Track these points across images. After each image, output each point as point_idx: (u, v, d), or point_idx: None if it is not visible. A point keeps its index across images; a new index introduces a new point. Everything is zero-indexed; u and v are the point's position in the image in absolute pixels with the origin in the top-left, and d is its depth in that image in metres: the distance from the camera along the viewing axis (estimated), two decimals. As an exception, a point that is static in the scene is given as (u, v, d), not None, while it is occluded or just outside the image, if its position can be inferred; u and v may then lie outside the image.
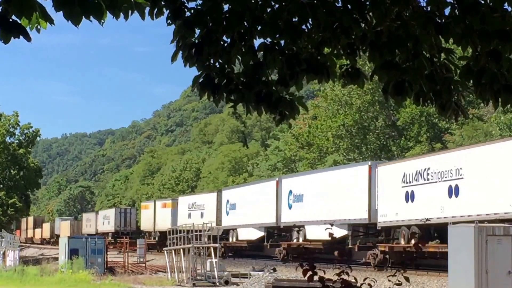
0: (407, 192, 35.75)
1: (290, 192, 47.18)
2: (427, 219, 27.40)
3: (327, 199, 42.31)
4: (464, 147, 37.51)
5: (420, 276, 32.86)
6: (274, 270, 36.09)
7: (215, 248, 43.17)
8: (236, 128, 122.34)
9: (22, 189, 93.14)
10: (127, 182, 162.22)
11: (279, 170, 75.72)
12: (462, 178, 32.14)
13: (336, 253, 39.29)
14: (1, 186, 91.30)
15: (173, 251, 45.47)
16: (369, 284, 8.82)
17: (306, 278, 8.35)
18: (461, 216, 31.69)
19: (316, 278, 8.32)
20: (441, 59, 7.22)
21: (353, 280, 8.68)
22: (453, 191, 32.54)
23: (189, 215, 64.14)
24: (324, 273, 8.54)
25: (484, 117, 51.37)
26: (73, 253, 50.17)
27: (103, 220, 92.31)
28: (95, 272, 46.76)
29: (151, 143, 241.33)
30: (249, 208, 52.68)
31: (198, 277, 42.56)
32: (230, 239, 56.19)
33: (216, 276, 41.09)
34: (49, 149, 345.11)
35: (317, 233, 42.64)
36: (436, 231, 34.93)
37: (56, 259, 59.56)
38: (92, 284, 42.03)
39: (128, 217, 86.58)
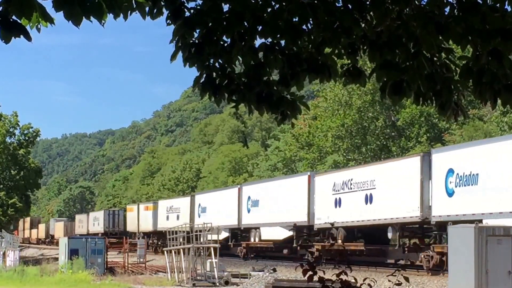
0: (336, 199, 41.85)
1: (249, 198, 53.04)
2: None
3: (277, 204, 48.00)
4: (377, 162, 45.71)
5: (420, 277, 32.86)
6: (274, 270, 36.48)
7: (215, 248, 43.18)
8: (236, 128, 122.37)
9: (22, 189, 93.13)
10: (127, 182, 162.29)
11: (279, 170, 75.75)
12: (375, 188, 38.36)
13: (285, 251, 47.98)
14: (1, 186, 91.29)
15: (173, 251, 45.47)
16: (369, 284, 8.82)
17: (306, 278, 8.36)
18: (374, 220, 38.12)
19: (316, 278, 8.33)
20: (441, 59, 7.21)
21: (353, 280, 8.68)
22: (368, 199, 38.78)
23: (167, 217, 69.81)
24: (324, 273, 8.55)
25: (484, 117, 51.36)
26: (73, 253, 50.15)
27: (94, 221, 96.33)
28: (95, 272, 46.74)
29: (151, 143, 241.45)
30: (217, 211, 57.90)
31: (198, 277, 42.55)
32: (202, 239, 58.52)
33: (216, 276, 41.08)
34: (49, 149, 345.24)
35: (270, 234, 49.46)
36: (358, 232, 41.28)
37: (56, 259, 59.56)
38: (92, 284, 42.01)
39: (116, 219, 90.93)
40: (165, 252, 47.88)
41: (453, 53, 7.30)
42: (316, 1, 6.76)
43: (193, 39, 6.88)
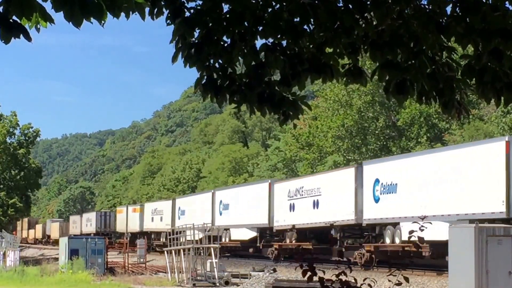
0: (290, 204, 47.20)
1: (221, 202, 58.55)
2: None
3: (244, 208, 53.31)
4: (322, 172, 53.16)
5: (420, 277, 32.86)
6: (274, 270, 36.74)
7: (215, 249, 43.21)
8: (236, 128, 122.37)
9: (22, 189, 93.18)
10: (127, 182, 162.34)
11: (279, 170, 75.76)
12: (321, 195, 43.76)
13: (250, 250, 53.65)
14: (2, 186, 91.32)
15: (173, 251, 45.48)
16: (369, 285, 8.81)
17: (305, 278, 8.36)
18: (320, 222, 43.14)
19: (316, 278, 8.32)
20: (443, 58, 7.21)
21: (353, 280, 8.67)
22: (315, 204, 44.10)
23: (152, 219, 75.97)
24: (324, 274, 8.55)
25: (485, 117, 51.35)
26: (73, 253, 50.17)
27: (86, 222, 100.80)
28: (95, 273, 46.74)
29: (151, 143, 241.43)
30: (194, 214, 63.70)
31: (198, 278, 42.56)
32: (180, 239, 64.27)
33: (216, 276, 41.09)
34: (49, 149, 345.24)
35: (238, 235, 54.73)
36: (310, 233, 46.58)
37: (56, 259, 59.59)
38: (92, 284, 42.02)
39: (107, 220, 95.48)
40: (165, 252, 47.88)
41: (455, 52, 7.29)
42: (316, 1, 6.76)
43: (193, 39, 6.86)
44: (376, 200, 38.16)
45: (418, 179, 34.99)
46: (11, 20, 5.77)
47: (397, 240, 36.57)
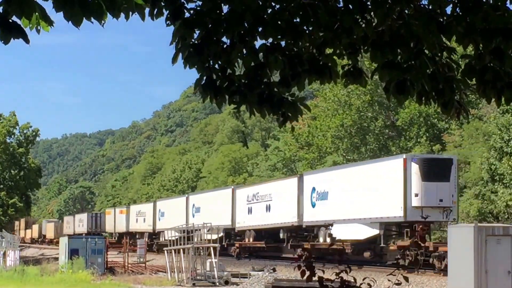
0: (248, 207, 53.70)
1: (193, 205, 65.40)
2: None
3: (213, 210, 59.02)
4: (273, 179, 61.50)
5: (419, 276, 32.88)
6: (274, 270, 36.57)
7: (214, 248, 43.25)
8: (236, 128, 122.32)
9: (22, 189, 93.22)
10: (126, 182, 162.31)
11: (278, 170, 75.77)
12: (272, 200, 50.35)
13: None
14: (2, 186, 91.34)
15: (173, 251, 45.51)
16: (368, 284, 8.81)
17: (305, 278, 8.37)
18: (271, 224, 49.65)
19: (315, 278, 8.33)
20: (443, 58, 7.20)
21: (352, 280, 8.68)
22: (268, 208, 50.74)
23: (137, 220, 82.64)
24: (324, 273, 8.56)
25: (484, 117, 51.33)
26: (73, 253, 50.21)
27: (79, 223, 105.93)
28: (95, 272, 46.76)
29: (151, 143, 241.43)
30: (172, 216, 69.43)
31: (198, 277, 42.60)
32: (161, 239, 71.31)
33: (216, 276, 41.13)
34: (49, 149, 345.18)
35: (208, 235, 57.91)
36: (265, 233, 52.22)
37: (56, 259, 59.62)
38: (92, 284, 42.06)
39: (98, 221, 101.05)
40: (165, 252, 47.91)
41: (455, 52, 7.29)
42: (316, 1, 6.75)
43: (193, 40, 6.85)
44: (313, 205, 44.78)
45: (343, 188, 41.85)
46: (10, 21, 5.79)
47: (327, 239, 42.81)
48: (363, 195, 39.35)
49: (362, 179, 40.14)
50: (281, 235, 48.45)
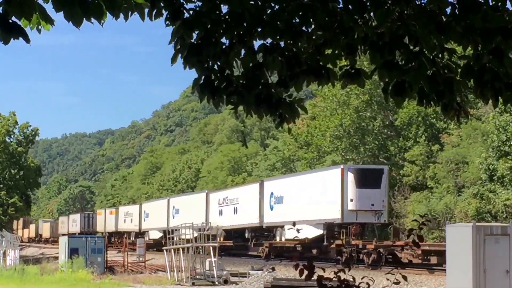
0: (219, 210, 59.70)
1: (173, 207, 71.36)
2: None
3: (189, 212, 63.88)
4: (239, 185, 69.21)
5: (418, 275, 32.95)
6: (273, 269, 37.00)
7: (214, 248, 43.29)
8: (236, 128, 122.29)
9: (22, 188, 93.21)
10: (126, 182, 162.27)
11: (278, 170, 75.80)
12: (238, 203, 56.13)
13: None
14: (1, 186, 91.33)
15: (172, 250, 45.55)
16: (367, 283, 8.86)
17: (303, 277, 8.42)
18: (238, 225, 55.53)
19: (314, 277, 8.38)
20: (443, 59, 7.17)
21: (351, 279, 8.71)
22: (235, 210, 56.34)
23: (124, 221, 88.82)
24: (324, 271, 8.60)
25: (482, 117, 51.37)
26: (73, 252, 50.23)
27: (72, 223, 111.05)
28: (94, 271, 46.80)
29: (150, 143, 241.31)
30: (154, 217, 76.79)
31: (197, 276, 42.64)
32: (146, 238, 76.40)
33: (215, 275, 41.18)
34: (49, 149, 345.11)
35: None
36: (235, 233, 57.63)
37: (56, 258, 59.63)
38: (92, 283, 42.07)
39: (90, 221, 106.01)
40: (165, 251, 47.96)
41: (456, 53, 7.25)
42: (315, 2, 6.76)
43: (192, 40, 6.86)
44: (271, 208, 50.60)
45: (295, 193, 47.38)
46: (10, 21, 5.81)
47: (283, 239, 48.89)
48: (310, 199, 45.07)
49: (309, 185, 45.92)
50: (246, 235, 53.70)
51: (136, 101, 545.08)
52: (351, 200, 41.76)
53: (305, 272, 8.36)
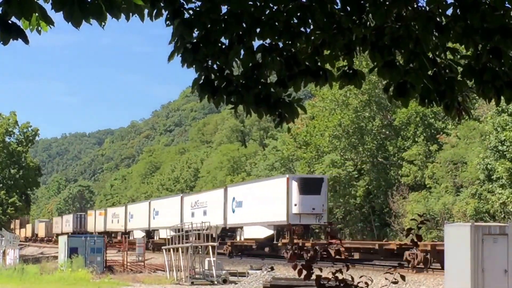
0: (191, 212, 66.15)
1: (154, 209, 78.93)
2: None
3: (167, 214, 71.99)
4: (207, 190, 77.41)
5: (416, 275, 33.02)
6: (272, 268, 37.11)
7: (213, 247, 43.35)
8: (235, 128, 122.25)
9: (21, 188, 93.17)
10: (125, 181, 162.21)
11: (277, 169, 75.79)
12: (207, 206, 63.12)
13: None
14: (1, 185, 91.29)
15: (171, 249, 45.61)
16: (366, 283, 8.91)
17: (302, 277, 8.47)
18: (208, 225, 57.24)
19: (313, 276, 8.43)
20: (444, 59, 7.19)
21: (349, 279, 8.75)
22: (204, 213, 62.00)
23: (112, 221, 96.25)
24: (321, 271, 8.65)
25: (480, 117, 51.36)
26: (72, 252, 50.29)
27: (66, 223, 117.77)
28: (94, 271, 46.84)
29: (150, 143, 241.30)
30: (137, 218, 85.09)
31: (196, 276, 42.69)
32: (131, 237, 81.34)
33: (214, 274, 41.24)
34: (48, 148, 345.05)
35: (163, 234, 66.96)
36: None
37: (56, 257, 59.67)
38: (91, 282, 42.11)
39: (82, 221, 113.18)
40: (164, 250, 48.02)
41: (458, 52, 7.28)
42: (314, 3, 6.80)
43: (192, 39, 6.88)
44: (233, 211, 57.12)
45: (251, 198, 53.97)
46: (9, 22, 5.83)
47: (242, 238, 55.38)
48: (263, 204, 51.58)
49: (262, 192, 52.71)
50: (213, 234, 56.31)
51: (135, 101, 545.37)
52: (295, 205, 48.18)
53: (304, 272, 8.43)
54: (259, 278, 38.43)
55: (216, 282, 40.68)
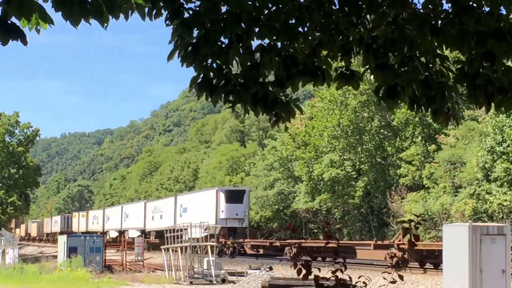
0: (152, 216, 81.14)
1: (125, 212, 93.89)
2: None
3: (134, 217, 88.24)
4: (163, 197, 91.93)
5: (415, 275, 33.07)
6: (271, 268, 37.18)
7: (212, 247, 43.40)
8: (235, 128, 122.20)
9: (21, 187, 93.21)
10: (125, 181, 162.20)
11: (275, 169, 75.82)
12: (163, 211, 76.74)
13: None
14: (1, 185, 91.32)
15: (170, 249, 45.66)
16: (364, 282, 8.95)
17: (301, 276, 8.51)
18: (161, 227, 65.94)
19: (311, 276, 8.47)
20: (436, 65, 7.20)
21: (348, 278, 8.79)
22: (161, 217, 76.47)
23: (93, 222, 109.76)
24: (319, 271, 8.69)
25: (479, 117, 51.39)
26: (72, 251, 50.34)
27: (54, 224, 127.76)
28: (93, 270, 46.89)
29: (149, 142, 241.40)
30: (112, 220, 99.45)
31: (195, 275, 42.74)
32: (107, 237, 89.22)
33: (213, 274, 41.28)
34: (48, 148, 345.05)
35: (132, 234, 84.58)
36: (161, 233, 66.93)
37: (55, 257, 59.72)
38: (90, 282, 42.16)
39: (69, 222, 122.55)
40: (163, 250, 48.07)
41: (448, 60, 7.28)
42: (312, 4, 6.84)
43: (191, 39, 6.93)
44: (181, 215, 69.31)
45: (192, 206, 66.97)
46: (9, 22, 5.85)
47: (187, 238, 57.51)
48: (200, 210, 63.51)
49: (199, 201, 65.98)
50: (165, 235, 61.79)
51: (135, 100, 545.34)
52: (222, 211, 61.22)
53: (303, 271, 8.47)
54: (258, 277, 38.49)
55: (215, 282, 40.73)
